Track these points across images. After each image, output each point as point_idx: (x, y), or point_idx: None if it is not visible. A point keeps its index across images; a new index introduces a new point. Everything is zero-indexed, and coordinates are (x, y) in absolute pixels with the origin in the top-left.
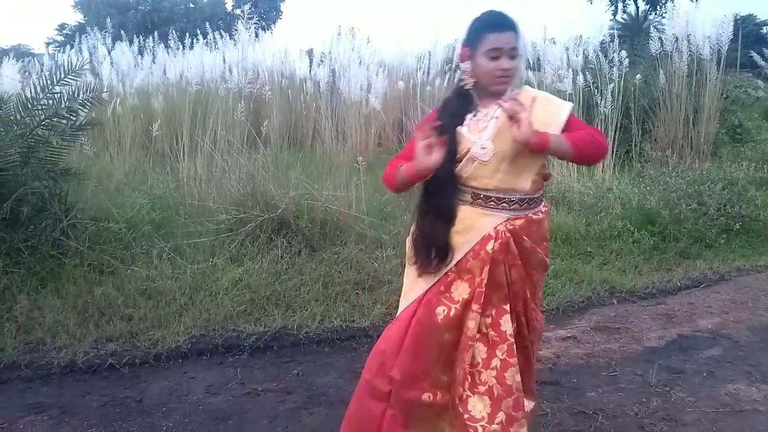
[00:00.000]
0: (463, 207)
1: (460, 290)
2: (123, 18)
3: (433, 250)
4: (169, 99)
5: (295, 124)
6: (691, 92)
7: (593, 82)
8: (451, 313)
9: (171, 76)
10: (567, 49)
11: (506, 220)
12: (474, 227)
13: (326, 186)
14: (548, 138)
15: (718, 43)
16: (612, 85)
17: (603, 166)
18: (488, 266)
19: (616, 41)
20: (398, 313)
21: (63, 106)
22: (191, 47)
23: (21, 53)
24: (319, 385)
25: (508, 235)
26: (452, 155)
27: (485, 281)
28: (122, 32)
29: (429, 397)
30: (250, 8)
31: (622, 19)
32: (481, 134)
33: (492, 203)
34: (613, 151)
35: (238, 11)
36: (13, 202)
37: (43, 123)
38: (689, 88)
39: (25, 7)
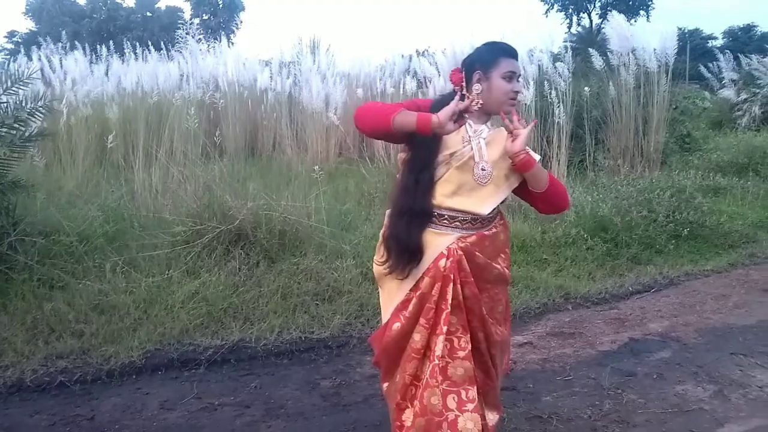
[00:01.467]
0: None
1: (414, 308)
2: (77, 26)
3: (407, 253)
4: (123, 109)
5: (254, 134)
6: (640, 103)
7: (549, 93)
8: (403, 326)
9: (126, 86)
10: (521, 60)
11: (458, 238)
12: (429, 246)
13: (285, 196)
14: (534, 161)
15: (665, 56)
16: (564, 96)
17: (557, 174)
18: (440, 283)
19: (569, 53)
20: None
21: (10, 115)
22: (146, 57)
23: None
24: (277, 398)
25: (460, 252)
26: (435, 154)
27: (435, 298)
28: (76, 41)
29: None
30: (208, 18)
31: (577, 31)
32: (481, 154)
33: (445, 221)
34: (567, 160)
35: (196, 20)
36: None
37: None
38: (638, 100)
39: None
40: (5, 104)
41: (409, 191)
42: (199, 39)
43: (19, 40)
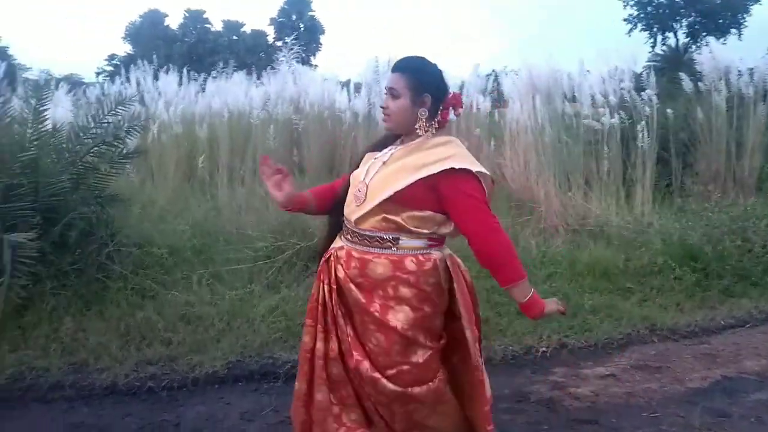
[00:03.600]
0: None
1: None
2: (169, 49)
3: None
4: (211, 128)
5: (332, 153)
6: (732, 126)
7: (629, 118)
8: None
9: (214, 106)
10: (603, 81)
11: (339, 248)
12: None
13: None
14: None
15: (763, 79)
16: (647, 119)
17: (642, 199)
18: (315, 283)
19: (652, 74)
20: None
21: (110, 134)
22: (232, 78)
23: (73, 82)
24: None
25: (333, 260)
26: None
27: (315, 297)
28: (168, 63)
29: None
30: (291, 40)
31: (662, 50)
32: (367, 175)
33: (344, 227)
34: (652, 185)
35: (279, 43)
36: (62, 227)
37: (92, 151)
38: (730, 122)
39: (76, 38)
40: (107, 124)
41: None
42: (286, 60)
43: (118, 63)
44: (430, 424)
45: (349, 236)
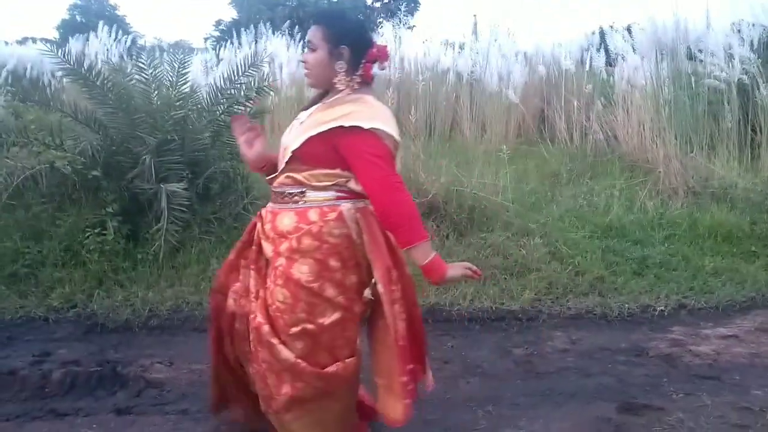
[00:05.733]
0: None
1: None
2: (272, 13)
3: None
4: None
5: (434, 115)
6: None
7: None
8: None
9: None
10: (729, 35)
11: (265, 207)
12: None
13: (474, 174)
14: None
15: None
16: None
17: (763, 161)
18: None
19: None
20: None
21: (242, 95)
22: None
23: (181, 49)
24: (473, 358)
25: (259, 220)
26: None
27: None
28: (270, 27)
29: None
30: (389, 1)
31: None
32: (290, 133)
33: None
34: None
35: (378, 5)
36: (204, 180)
37: (227, 110)
38: None
39: (184, 6)
40: (238, 85)
41: None
42: (380, 22)
43: (224, 28)
44: (310, 408)
45: (272, 196)
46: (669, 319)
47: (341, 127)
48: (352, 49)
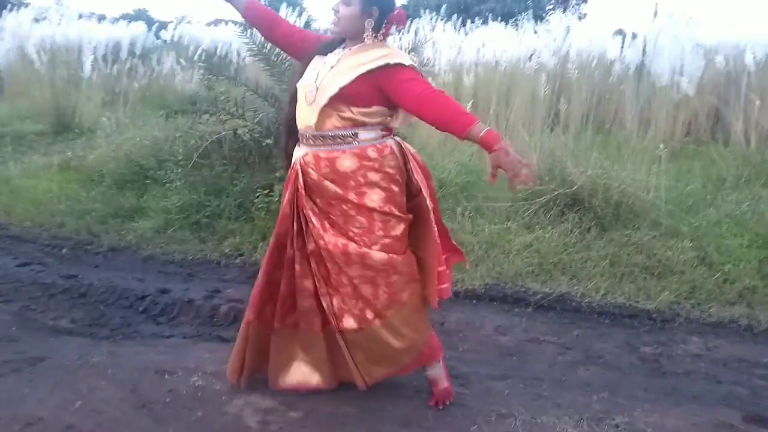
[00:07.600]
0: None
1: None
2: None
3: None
4: (478, 77)
5: (595, 106)
6: None
7: None
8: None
9: (483, 55)
10: None
11: (304, 154)
12: (294, 157)
13: (625, 169)
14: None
15: None
16: None
17: None
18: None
19: None
20: None
21: None
22: (507, 24)
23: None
24: (596, 349)
25: (298, 167)
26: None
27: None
28: (437, 13)
29: None
30: None
31: None
32: (318, 78)
33: (303, 138)
34: None
35: None
36: None
37: None
38: None
39: None
40: None
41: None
42: (551, 10)
43: None
44: (403, 298)
45: (311, 141)
46: None
47: (387, 64)
48: (380, 11)
